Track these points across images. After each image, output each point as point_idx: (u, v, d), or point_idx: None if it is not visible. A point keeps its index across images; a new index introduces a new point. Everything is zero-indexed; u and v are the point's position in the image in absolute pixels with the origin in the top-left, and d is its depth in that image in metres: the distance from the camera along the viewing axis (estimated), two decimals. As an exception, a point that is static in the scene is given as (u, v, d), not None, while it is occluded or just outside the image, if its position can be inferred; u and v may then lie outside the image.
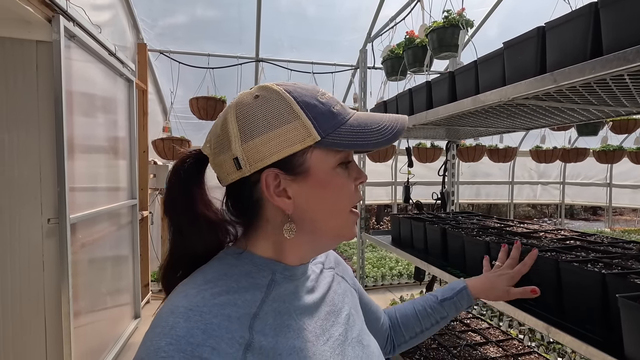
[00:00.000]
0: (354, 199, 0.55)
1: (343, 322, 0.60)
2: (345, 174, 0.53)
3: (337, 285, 0.66)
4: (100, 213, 2.51)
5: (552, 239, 1.17)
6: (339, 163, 0.52)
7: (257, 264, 0.53)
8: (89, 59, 2.42)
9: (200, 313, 0.44)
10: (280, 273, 0.54)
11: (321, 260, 0.67)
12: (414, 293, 3.87)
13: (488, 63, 0.97)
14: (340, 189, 0.53)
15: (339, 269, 0.71)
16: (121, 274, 3.02)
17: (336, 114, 0.52)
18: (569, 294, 0.84)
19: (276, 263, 0.54)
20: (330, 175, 0.52)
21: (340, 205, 0.53)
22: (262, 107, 0.50)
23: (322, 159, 0.51)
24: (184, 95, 4.20)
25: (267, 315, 0.49)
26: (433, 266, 1.22)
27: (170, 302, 0.47)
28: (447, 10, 2.21)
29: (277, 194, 0.51)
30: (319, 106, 0.51)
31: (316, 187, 0.51)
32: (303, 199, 0.52)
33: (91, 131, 2.50)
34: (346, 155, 0.53)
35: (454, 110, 1.08)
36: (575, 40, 0.73)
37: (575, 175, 7.56)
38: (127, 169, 3.15)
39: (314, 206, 0.52)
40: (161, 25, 3.87)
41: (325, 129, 0.50)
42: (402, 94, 1.53)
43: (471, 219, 1.64)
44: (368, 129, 0.51)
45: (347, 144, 0.50)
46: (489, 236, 1.21)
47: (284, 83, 0.53)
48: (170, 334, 0.42)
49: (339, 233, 0.55)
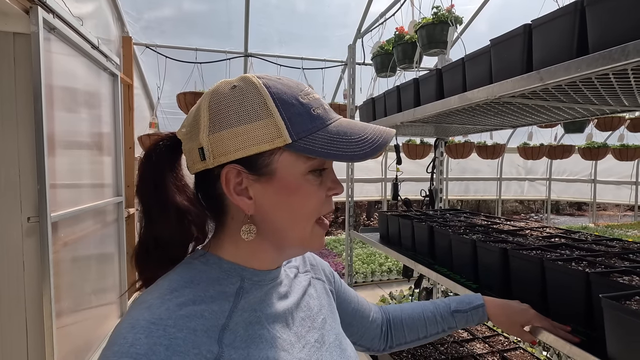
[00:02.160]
0: (323, 210, 0.51)
1: (319, 327, 0.58)
2: (317, 181, 0.50)
3: (313, 289, 0.64)
4: (84, 211, 2.45)
5: (537, 237, 1.17)
6: (310, 170, 0.49)
7: (225, 270, 0.51)
8: (70, 53, 2.35)
9: (164, 327, 0.41)
10: (249, 279, 0.51)
11: (296, 264, 0.65)
12: (403, 289, 3.90)
13: (475, 60, 0.96)
14: (307, 197, 0.49)
15: (315, 271, 0.68)
16: (107, 272, 2.96)
17: (315, 118, 0.48)
18: (553, 292, 0.84)
19: (244, 269, 0.52)
20: (298, 181, 0.48)
21: (305, 214, 0.50)
22: (236, 99, 0.47)
23: (291, 163, 0.48)
24: (171, 90, 4.12)
25: (237, 327, 0.46)
26: (420, 265, 1.22)
27: (131, 315, 0.43)
28: (437, 6, 2.20)
29: (237, 192, 0.49)
30: (296, 106, 0.47)
31: (280, 192, 0.48)
32: (265, 201, 0.49)
33: (74, 127, 2.43)
34: (320, 162, 0.49)
35: (441, 108, 1.07)
36: (561, 39, 0.72)
37: (561, 171, 7.70)
38: (112, 165, 3.09)
39: (277, 211, 0.49)
40: (147, 18, 3.78)
41: (298, 132, 0.46)
42: (390, 90, 1.52)
43: (459, 217, 1.64)
44: (346, 139, 0.47)
45: (319, 151, 0.46)
46: (475, 234, 1.22)
47: (266, 76, 0.50)
48: (129, 353, 0.38)
49: (303, 243, 0.52)
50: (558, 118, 1.28)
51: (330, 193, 0.51)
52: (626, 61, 0.58)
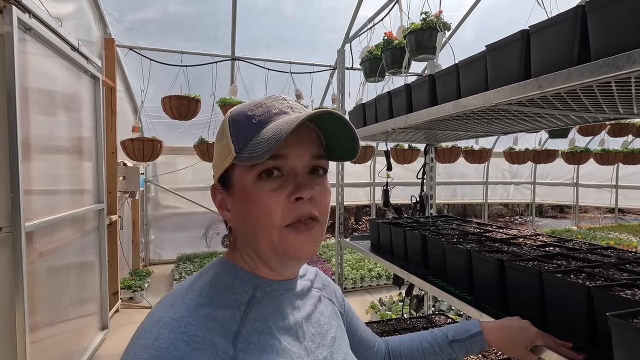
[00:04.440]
0: (287, 215, 0.50)
1: (329, 345, 0.58)
2: (269, 187, 0.50)
3: (324, 307, 0.64)
4: (62, 219, 2.34)
5: (532, 246, 1.15)
6: (258, 176, 0.50)
7: (240, 277, 0.53)
8: (48, 54, 2.25)
9: (185, 325, 0.44)
10: (262, 288, 0.53)
11: (310, 277, 0.67)
12: (392, 295, 3.87)
13: (470, 66, 0.93)
14: (261, 204, 0.50)
15: (326, 291, 0.69)
16: (86, 282, 2.84)
17: (254, 125, 0.50)
18: (553, 305, 0.81)
19: (258, 278, 0.54)
20: (250, 190, 0.50)
21: (265, 221, 0.50)
22: (219, 128, 0.56)
23: (242, 173, 0.51)
24: (156, 93, 4.02)
25: (249, 335, 0.48)
26: (414, 275, 1.18)
27: (155, 312, 0.47)
28: (425, 12, 2.20)
29: (220, 206, 0.56)
30: (242, 121, 0.51)
31: (240, 201, 0.52)
32: (236, 212, 0.54)
33: (51, 131, 2.32)
34: (264, 167, 0.50)
35: (435, 115, 1.04)
36: (560, 45, 0.70)
37: (545, 175, 7.84)
38: (93, 171, 2.97)
39: (243, 220, 0.53)
40: (130, 19, 3.68)
41: (239, 144, 0.50)
42: (381, 96, 1.49)
43: (450, 224, 1.62)
44: (265, 136, 0.48)
45: (247, 157, 0.48)
46: (469, 243, 1.19)
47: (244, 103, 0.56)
48: (153, 346, 0.41)
49: (276, 250, 0.51)
50: (550, 125, 1.27)
51: (292, 197, 0.50)
52: (631, 69, 0.56)
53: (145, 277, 4.33)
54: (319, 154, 0.53)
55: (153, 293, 4.17)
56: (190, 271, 4.53)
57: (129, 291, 3.93)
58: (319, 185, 0.52)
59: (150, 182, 5.20)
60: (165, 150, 4.42)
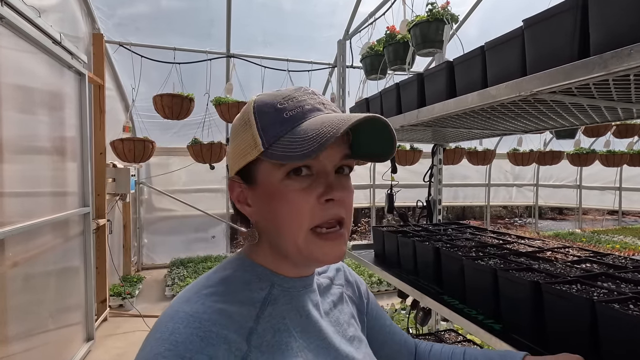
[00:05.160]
0: (315, 217, 0.48)
1: (347, 343, 0.57)
2: (298, 186, 0.48)
3: (345, 304, 0.63)
4: (41, 225, 2.17)
5: (564, 262, 0.99)
6: (287, 175, 0.48)
7: (257, 273, 0.52)
8: (26, 48, 2.08)
9: (200, 320, 0.44)
10: (279, 285, 0.52)
11: (330, 275, 0.65)
12: (394, 302, 3.70)
13: (500, 49, 0.77)
14: (289, 204, 0.48)
15: (349, 287, 0.67)
16: (70, 291, 2.66)
17: (285, 121, 0.47)
18: (610, 344, 0.65)
19: (275, 274, 0.53)
20: (277, 188, 0.48)
21: (292, 222, 0.48)
22: (239, 115, 0.53)
23: (269, 170, 0.49)
24: (148, 92, 3.85)
25: (265, 332, 0.47)
26: (428, 297, 1.02)
27: (172, 307, 0.47)
28: (432, 2, 2.07)
29: (239, 200, 0.53)
30: (270, 114, 0.48)
31: (265, 199, 0.50)
32: (259, 208, 0.52)
33: (30, 130, 2.16)
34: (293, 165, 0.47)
35: (454, 108, 0.88)
36: (628, 14, 0.54)
37: (548, 177, 7.70)
38: (78, 173, 2.80)
39: (268, 218, 0.51)
40: (120, 14, 3.52)
41: (269, 139, 0.47)
42: (387, 89, 1.33)
43: (463, 233, 1.46)
44: (305, 137, 0.45)
45: (281, 155, 0.45)
46: (491, 258, 1.03)
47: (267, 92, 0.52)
48: (169, 340, 0.42)
49: (301, 253, 0.49)
50: (580, 122, 1.11)
51: (322, 198, 0.48)
52: None
53: (137, 283, 4.15)
54: (348, 153, 0.51)
55: (144, 300, 3.99)
56: (184, 277, 4.35)
57: (119, 298, 3.76)
58: (346, 186, 0.51)
59: (143, 184, 5.02)
60: (159, 151, 4.25)
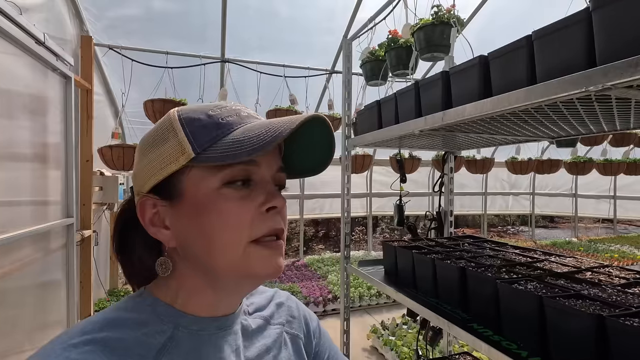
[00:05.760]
0: (256, 228, 0.44)
1: None
2: (238, 195, 0.43)
3: (283, 348, 0.54)
4: (19, 238, 1.99)
5: (612, 285, 0.87)
6: (225, 182, 0.43)
7: (158, 313, 0.45)
8: (5, 48, 1.93)
9: None
10: (184, 327, 0.45)
11: (266, 313, 0.56)
12: (395, 317, 3.55)
13: (556, 37, 0.65)
14: (226, 215, 0.42)
15: (292, 325, 0.57)
16: (50, 307, 2.46)
17: (223, 125, 0.44)
18: None
19: (182, 314, 0.45)
20: (210, 198, 0.43)
21: (228, 235, 0.43)
22: (151, 130, 0.47)
23: (200, 178, 0.44)
24: (139, 97, 3.70)
25: None
26: (456, 326, 0.88)
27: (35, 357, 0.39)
28: (437, 5, 1.99)
29: (153, 223, 0.46)
30: (202, 119, 0.44)
31: (192, 213, 0.44)
32: (182, 228, 0.45)
33: (7, 135, 1.99)
34: (238, 172, 0.43)
35: (490, 110, 0.76)
36: None
37: (544, 186, 7.69)
38: (61, 181, 2.62)
39: (194, 237, 0.44)
40: (110, 16, 3.38)
41: (202, 143, 0.43)
42: (404, 90, 1.21)
43: (483, 248, 1.33)
44: (250, 135, 0.42)
45: (219, 156, 0.41)
46: (527, 280, 0.90)
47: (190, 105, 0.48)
48: None
49: (239, 270, 0.43)
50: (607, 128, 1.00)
51: (263, 207, 0.44)
52: None
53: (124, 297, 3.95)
54: (282, 166, 0.49)
55: (132, 315, 3.79)
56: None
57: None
58: (282, 197, 0.47)
59: (133, 192, 4.83)
60: (148, 158, 4.09)
